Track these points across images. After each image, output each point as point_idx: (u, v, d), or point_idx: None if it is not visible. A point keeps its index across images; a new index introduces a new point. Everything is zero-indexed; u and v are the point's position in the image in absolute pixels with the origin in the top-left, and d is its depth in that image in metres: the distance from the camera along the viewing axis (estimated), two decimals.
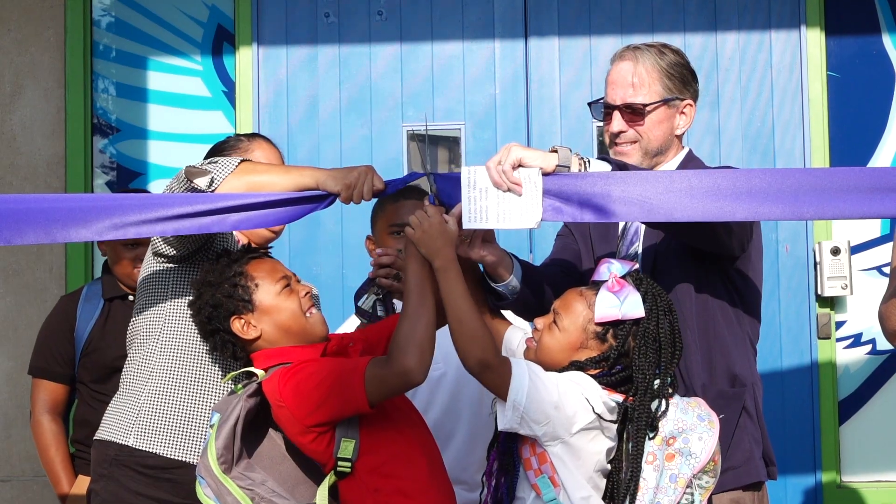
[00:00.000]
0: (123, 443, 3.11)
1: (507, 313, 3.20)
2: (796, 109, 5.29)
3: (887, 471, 5.28)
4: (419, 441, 2.90)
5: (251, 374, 2.92)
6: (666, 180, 2.89)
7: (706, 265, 3.16)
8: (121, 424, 3.14)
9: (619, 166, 2.97)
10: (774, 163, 5.27)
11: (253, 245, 3.20)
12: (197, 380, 3.13)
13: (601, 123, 3.36)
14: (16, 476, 5.23)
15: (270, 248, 3.15)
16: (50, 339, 4.13)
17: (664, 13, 5.33)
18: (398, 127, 5.35)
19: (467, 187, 2.90)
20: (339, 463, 2.79)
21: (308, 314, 2.97)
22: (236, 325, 2.94)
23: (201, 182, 2.97)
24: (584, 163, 2.93)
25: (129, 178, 5.41)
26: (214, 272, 2.98)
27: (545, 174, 2.89)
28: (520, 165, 2.88)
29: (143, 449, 3.09)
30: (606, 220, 2.95)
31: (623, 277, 2.91)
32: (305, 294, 2.99)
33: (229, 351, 2.97)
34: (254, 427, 2.88)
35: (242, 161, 3.04)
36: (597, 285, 2.92)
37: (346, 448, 2.79)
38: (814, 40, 5.28)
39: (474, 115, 5.34)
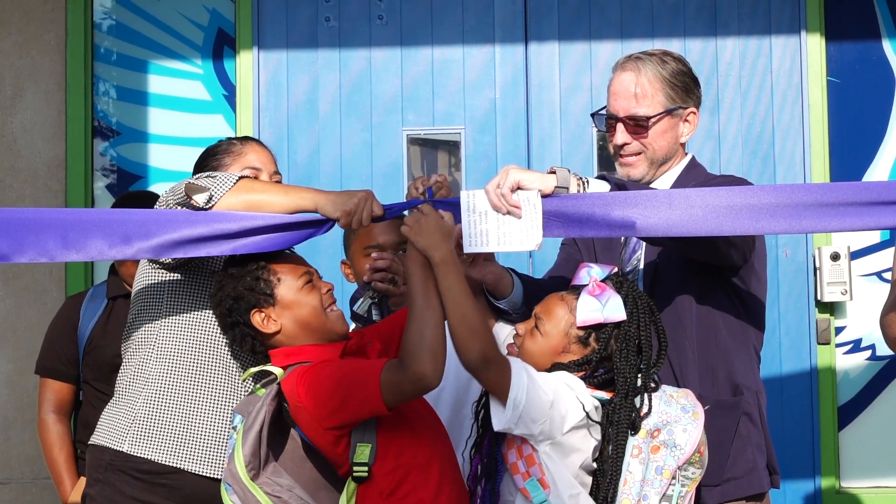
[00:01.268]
0: (118, 448, 3.10)
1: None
2: (796, 114, 5.29)
3: (886, 476, 5.27)
4: (435, 446, 2.89)
5: (268, 373, 2.92)
6: (665, 199, 2.89)
7: (709, 275, 3.15)
8: (116, 430, 3.13)
9: (618, 185, 2.96)
10: (774, 168, 5.27)
11: None
12: (193, 387, 3.12)
13: (604, 131, 3.35)
14: (14, 479, 5.23)
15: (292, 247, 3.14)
16: (55, 339, 4.17)
17: (663, 18, 5.33)
18: (398, 131, 5.35)
19: (467, 211, 2.92)
20: (356, 468, 2.78)
21: (328, 311, 2.96)
22: (256, 319, 2.93)
23: (200, 198, 2.97)
24: (583, 183, 2.93)
25: (129, 181, 5.41)
26: (237, 264, 2.97)
27: (544, 196, 2.89)
28: (518, 188, 2.89)
29: (138, 455, 3.08)
30: (607, 237, 2.96)
31: (603, 281, 2.92)
32: (327, 291, 2.99)
33: (248, 345, 2.97)
34: (277, 427, 2.87)
35: (241, 178, 3.04)
36: (577, 289, 2.93)
37: (363, 452, 2.78)
38: (814, 45, 5.28)
39: (474, 119, 5.34)
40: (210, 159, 3.37)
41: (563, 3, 5.36)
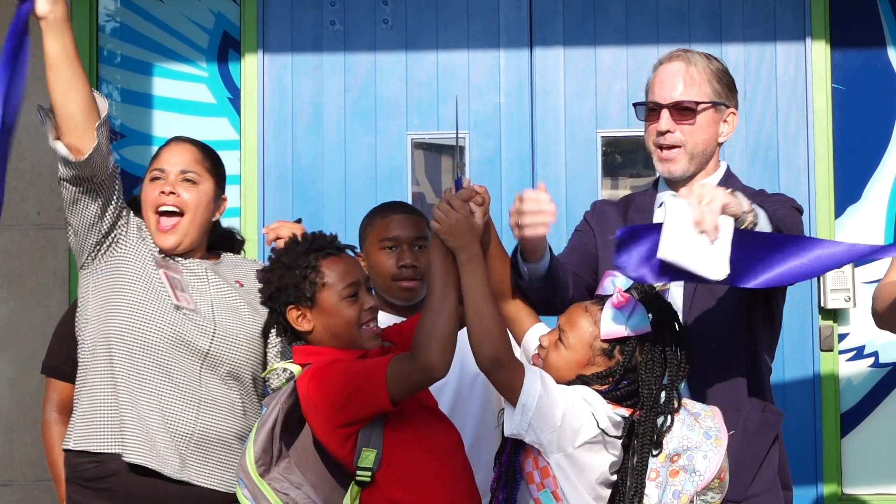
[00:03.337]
0: (65, 447, 3.32)
1: None
2: (801, 122, 5.29)
3: (889, 483, 5.28)
4: (447, 456, 2.89)
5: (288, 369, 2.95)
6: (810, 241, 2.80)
7: (752, 292, 3.05)
8: (69, 431, 3.36)
9: (770, 216, 2.87)
10: (778, 175, 5.27)
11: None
12: (118, 377, 3.29)
13: (643, 120, 3.26)
14: (17, 480, 5.23)
15: (356, 247, 3.12)
16: (60, 339, 4.17)
17: (669, 24, 5.34)
18: (403, 135, 5.35)
19: (672, 215, 2.71)
20: (359, 472, 2.78)
21: (363, 328, 2.94)
22: (292, 314, 2.93)
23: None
24: (754, 213, 2.80)
25: (133, 183, 5.40)
26: (291, 253, 2.95)
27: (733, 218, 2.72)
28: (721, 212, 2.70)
29: (77, 449, 3.27)
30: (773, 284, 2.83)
31: (628, 290, 2.87)
32: (369, 307, 2.95)
33: (280, 330, 3.00)
34: (294, 423, 2.88)
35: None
36: (601, 300, 2.89)
37: (367, 457, 2.78)
38: (819, 53, 5.28)
39: (478, 124, 5.34)
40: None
41: (569, 8, 5.36)
